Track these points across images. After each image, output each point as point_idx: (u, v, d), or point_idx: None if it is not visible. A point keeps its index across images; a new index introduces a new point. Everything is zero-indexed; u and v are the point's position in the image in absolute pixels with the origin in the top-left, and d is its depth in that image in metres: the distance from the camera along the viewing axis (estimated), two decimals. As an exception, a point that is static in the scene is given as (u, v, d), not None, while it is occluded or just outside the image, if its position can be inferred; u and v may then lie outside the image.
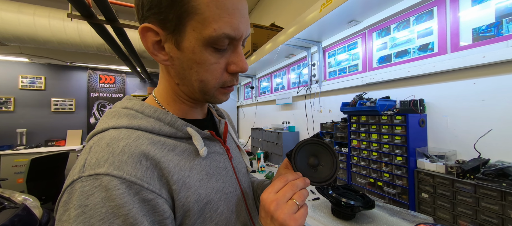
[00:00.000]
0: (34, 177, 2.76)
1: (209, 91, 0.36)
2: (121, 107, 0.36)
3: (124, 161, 0.29)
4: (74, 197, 0.27)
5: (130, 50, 2.63)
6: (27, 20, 2.52)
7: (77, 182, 0.28)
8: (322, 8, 1.35)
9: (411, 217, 1.03)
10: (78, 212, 0.26)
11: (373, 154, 1.31)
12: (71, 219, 0.25)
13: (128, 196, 0.27)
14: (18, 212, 1.85)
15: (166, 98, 0.40)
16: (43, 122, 3.97)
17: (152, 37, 0.33)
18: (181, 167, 0.34)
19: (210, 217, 0.36)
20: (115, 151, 0.29)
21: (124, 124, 0.33)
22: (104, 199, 0.26)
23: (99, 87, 4.38)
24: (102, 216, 0.26)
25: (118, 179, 0.27)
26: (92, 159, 0.29)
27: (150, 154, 0.31)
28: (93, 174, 0.27)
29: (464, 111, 1.08)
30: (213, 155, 0.41)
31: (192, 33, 0.31)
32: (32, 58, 3.72)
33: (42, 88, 3.97)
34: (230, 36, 0.32)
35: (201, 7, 0.30)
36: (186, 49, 0.33)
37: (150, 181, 0.30)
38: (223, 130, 0.48)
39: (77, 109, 4.21)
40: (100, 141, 0.31)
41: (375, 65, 1.58)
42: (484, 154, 0.99)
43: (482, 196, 0.86)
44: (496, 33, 1.00)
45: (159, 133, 0.35)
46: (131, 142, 0.31)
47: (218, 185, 0.39)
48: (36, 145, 3.78)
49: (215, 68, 0.34)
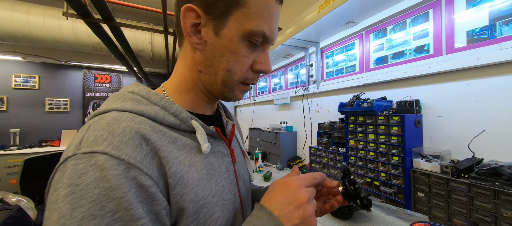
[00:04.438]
0: (28, 178, 2.71)
1: (231, 82, 0.36)
2: (127, 91, 0.35)
3: (124, 142, 0.27)
4: (66, 175, 0.24)
5: (127, 49, 2.61)
6: (20, 18, 2.47)
7: (71, 159, 0.25)
8: (320, 9, 1.36)
9: (407, 216, 1.04)
10: (68, 191, 0.23)
11: (370, 154, 1.33)
12: (59, 199, 0.23)
13: (124, 179, 0.24)
14: (12, 213, 1.82)
15: (179, 87, 0.39)
16: (37, 122, 3.90)
17: (193, 19, 0.34)
18: (180, 161, 0.31)
19: (203, 222, 0.32)
20: (115, 131, 0.27)
21: (127, 107, 0.32)
22: (98, 179, 0.24)
23: (95, 87, 4.32)
24: (93, 198, 0.23)
25: (116, 159, 0.25)
26: (89, 137, 0.27)
27: (151, 140, 0.29)
28: (89, 152, 0.25)
29: (459, 112, 1.11)
30: (216, 155, 0.39)
31: (234, 23, 0.33)
32: (25, 56, 3.65)
33: (36, 87, 3.90)
34: (266, 35, 0.35)
35: (250, 2, 0.32)
36: (224, 36, 0.33)
37: (150, 167, 0.27)
38: (230, 131, 0.45)
39: (72, 109, 4.14)
40: (101, 120, 0.29)
41: (372, 66, 1.60)
42: (478, 154, 1.01)
43: (476, 195, 0.88)
44: (490, 35, 1.02)
45: (162, 122, 0.33)
46: (133, 125, 0.29)
47: (217, 188, 0.36)
48: (30, 145, 3.71)
49: (244, 61, 0.35)
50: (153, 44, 3.23)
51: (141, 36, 3.14)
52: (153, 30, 2.38)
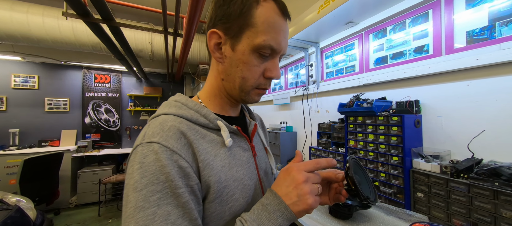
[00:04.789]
0: (28, 178, 2.70)
1: (247, 88, 0.45)
2: (172, 100, 0.48)
3: (170, 136, 0.39)
4: (136, 156, 0.37)
5: (126, 49, 2.60)
6: (20, 18, 2.47)
7: (139, 146, 0.38)
8: (320, 10, 1.37)
9: (406, 216, 1.05)
10: (138, 166, 0.36)
11: (369, 154, 1.33)
12: (134, 171, 0.36)
13: (169, 160, 0.36)
14: (11, 214, 1.82)
15: (209, 94, 0.50)
16: (37, 122, 3.89)
17: (216, 39, 0.45)
18: (207, 152, 0.42)
19: (226, 200, 0.42)
20: (164, 128, 0.39)
21: (172, 112, 0.44)
22: (154, 160, 0.36)
23: (94, 87, 4.31)
24: (152, 171, 0.35)
25: (164, 147, 0.37)
26: (149, 132, 0.40)
27: (187, 135, 0.41)
28: (149, 142, 0.38)
29: (458, 112, 1.11)
30: (238, 149, 0.48)
31: (246, 40, 0.42)
32: (25, 56, 3.64)
33: (35, 87, 3.89)
34: (273, 47, 0.43)
35: (257, 22, 0.42)
36: (238, 50, 0.43)
37: (186, 154, 0.39)
38: (252, 130, 0.54)
39: (71, 109, 4.14)
40: (155, 121, 0.42)
41: (371, 66, 1.60)
42: (477, 154, 1.02)
43: (475, 195, 0.88)
44: (489, 36, 1.02)
45: (196, 122, 0.44)
46: (176, 124, 0.41)
47: (237, 175, 0.45)
48: (29, 146, 3.70)
49: (255, 70, 0.44)
50: (152, 44, 3.22)
51: (140, 36, 3.13)
52: (152, 30, 2.38)
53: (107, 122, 4.39)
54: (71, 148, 3.72)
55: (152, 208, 0.34)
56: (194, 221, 0.37)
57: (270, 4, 0.43)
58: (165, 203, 0.35)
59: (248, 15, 0.42)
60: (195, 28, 2.09)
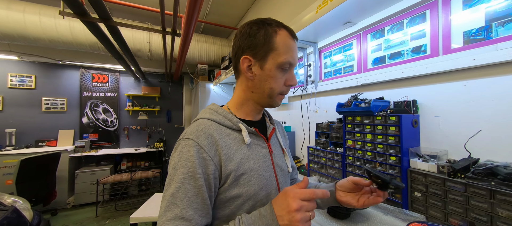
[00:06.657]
0: (24, 178, 2.68)
1: (273, 95, 0.59)
2: (208, 108, 0.62)
3: (201, 135, 0.52)
4: (179, 147, 0.53)
5: (125, 48, 2.59)
6: (16, 17, 2.45)
7: (181, 140, 0.53)
8: (318, 10, 1.37)
9: (404, 216, 1.05)
10: (178, 152, 0.52)
11: (367, 154, 1.33)
12: (175, 156, 0.52)
13: (196, 153, 0.50)
14: (8, 214, 1.80)
15: (237, 103, 0.63)
16: (33, 122, 3.86)
17: (247, 63, 0.58)
18: (230, 147, 0.54)
19: (243, 184, 0.54)
20: (198, 129, 0.54)
21: (206, 116, 0.59)
22: (187, 151, 0.51)
23: (92, 86, 4.28)
24: (185, 158, 0.50)
25: (196, 143, 0.51)
26: (188, 130, 0.55)
27: (214, 135, 0.54)
28: (187, 138, 0.52)
29: (455, 112, 1.11)
30: (256, 146, 0.60)
31: (271, 60, 0.56)
32: (21, 56, 3.61)
33: (32, 87, 3.86)
34: (291, 63, 0.58)
35: (278, 46, 0.56)
36: (266, 69, 0.57)
37: (210, 150, 0.52)
38: (270, 132, 0.66)
39: (69, 109, 4.11)
40: (194, 123, 0.58)
41: (369, 66, 1.61)
42: (474, 154, 1.02)
43: (472, 194, 0.88)
44: (486, 36, 1.03)
45: (223, 125, 0.58)
46: (207, 127, 0.55)
47: (254, 167, 0.56)
48: (26, 146, 3.67)
49: (279, 81, 0.58)
50: (151, 43, 3.21)
51: (139, 36, 3.12)
52: (151, 30, 2.37)
53: (105, 122, 4.37)
54: (69, 148, 3.69)
55: (178, 183, 0.49)
56: (204, 200, 0.50)
57: (284, 32, 0.57)
58: (187, 182, 0.49)
59: (271, 42, 0.56)
60: (193, 27, 2.08)
